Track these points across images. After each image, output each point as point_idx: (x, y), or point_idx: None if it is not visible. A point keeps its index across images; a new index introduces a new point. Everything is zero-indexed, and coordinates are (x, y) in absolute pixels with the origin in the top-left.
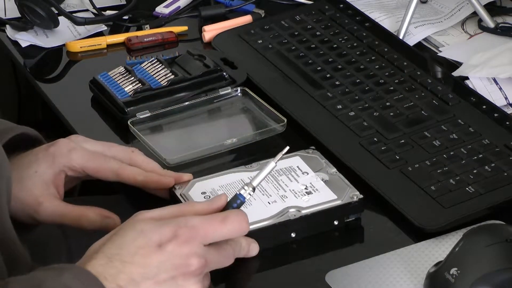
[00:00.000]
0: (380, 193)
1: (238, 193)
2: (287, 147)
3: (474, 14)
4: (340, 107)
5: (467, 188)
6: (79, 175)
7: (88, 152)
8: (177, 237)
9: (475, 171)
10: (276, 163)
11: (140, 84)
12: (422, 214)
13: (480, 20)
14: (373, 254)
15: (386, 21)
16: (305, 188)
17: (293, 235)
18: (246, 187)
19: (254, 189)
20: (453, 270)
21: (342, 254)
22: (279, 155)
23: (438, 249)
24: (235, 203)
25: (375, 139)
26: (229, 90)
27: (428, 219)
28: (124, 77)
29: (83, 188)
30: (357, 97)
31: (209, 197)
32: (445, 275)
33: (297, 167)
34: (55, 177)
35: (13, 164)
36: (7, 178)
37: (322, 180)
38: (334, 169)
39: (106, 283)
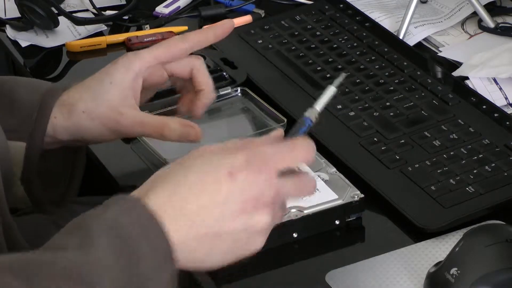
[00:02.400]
0: (380, 193)
1: (304, 116)
2: (346, 74)
3: (474, 14)
4: (340, 107)
5: (467, 188)
6: (155, 78)
7: (155, 47)
8: (249, 165)
9: (475, 171)
10: (336, 88)
11: None
12: (422, 214)
13: (480, 20)
14: (373, 254)
15: (386, 21)
16: None
17: (295, 235)
18: (310, 110)
19: (318, 114)
20: (453, 270)
21: (342, 254)
22: (339, 80)
23: (438, 249)
24: (303, 126)
25: (375, 139)
26: (229, 90)
27: (428, 219)
28: None
29: (82, 189)
30: (357, 97)
31: None
32: (445, 275)
33: (297, 167)
34: (132, 85)
35: (81, 86)
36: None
37: (323, 180)
38: (334, 169)
39: (165, 216)
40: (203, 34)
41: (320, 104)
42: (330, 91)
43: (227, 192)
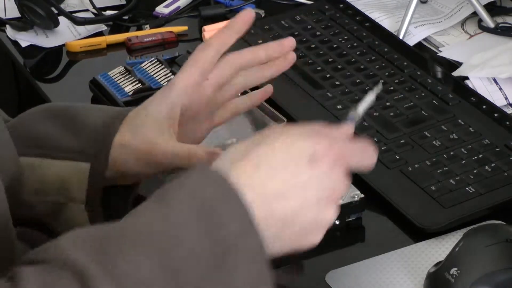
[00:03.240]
0: (380, 193)
1: (349, 116)
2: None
3: (474, 14)
4: (340, 107)
5: (467, 188)
6: (194, 97)
7: (180, 70)
8: (329, 155)
9: (475, 171)
10: (376, 95)
11: (140, 84)
12: (422, 214)
13: (480, 20)
14: (373, 254)
15: (386, 21)
16: None
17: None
18: (354, 113)
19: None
20: (453, 270)
21: (342, 254)
22: (378, 88)
23: (438, 249)
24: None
25: (375, 139)
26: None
27: (428, 219)
28: (124, 77)
29: None
30: (357, 97)
31: None
32: (445, 275)
33: None
34: (168, 114)
35: (124, 120)
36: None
37: None
38: None
39: (246, 191)
40: (225, 33)
41: (361, 108)
42: (370, 97)
43: (306, 179)
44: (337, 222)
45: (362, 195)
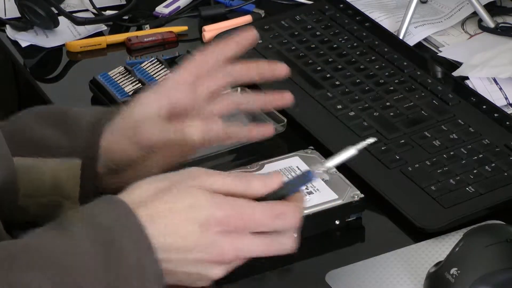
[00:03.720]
0: (380, 193)
1: (310, 170)
2: (374, 139)
3: (474, 14)
4: (340, 107)
5: (467, 188)
6: (184, 98)
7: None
8: (226, 225)
9: (475, 171)
10: (357, 151)
11: (140, 84)
12: (422, 214)
13: (480, 20)
14: (373, 254)
15: (386, 21)
16: (306, 188)
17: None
18: (319, 166)
19: (327, 171)
20: (453, 270)
21: (342, 254)
22: (363, 144)
23: (438, 249)
24: (303, 177)
25: (374, 138)
26: (229, 90)
27: (428, 219)
28: (124, 77)
29: None
30: (357, 97)
31: None
32: (445, 275)
33: (297, 167)
34: (159, 106)
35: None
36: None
37: (323, 179)
38: (334, 169)
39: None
40: (226, 43)
41: (333, 161)
42: (349, 152)
43: (196, 241)
44: (337, 222)
45: (362, 195)
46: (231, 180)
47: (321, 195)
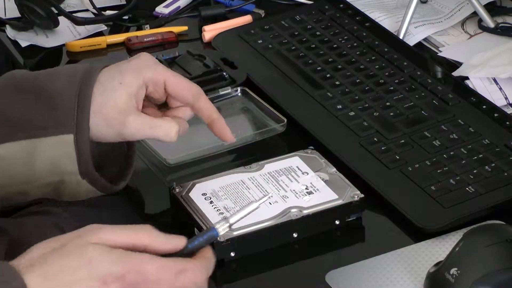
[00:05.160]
0: (380, 193)
1: (213, 227)
2: (270, 196)
3: (474, 14)
4: (340, 107)
5: (467, 188)
6: (156, 93)
7: (170, 70)
8: (124, 280)
9: (475, 171)
10: (259, 205)
11: None
12: (422, 214)
13: (480, 20)
14: (373, 254)
15: (386, 21)
16: (306, 188)
17: (295, 235)
18: (222, 222)
19: (230, 226)
20: (453, 270)
21: (342, 254)
22: (264, 199)
23: (438, 249)
24: (205, 235)
25: (375, 139)
26: (229, 90)
27: (428, 219)
28: None
29: None
30: (357, 97)
31: (210, 198)
32: (445, 275)
33: (297, 167)
34: (139, 90)
35: (98, 79)
36: None
37: (323, 180)
38: (334, 169)
39: None
40: (213, 109)
41: (235, 217)
42: (251, 207)
43: None
44: (337, 222)
45: (362, 195)
46: (131, 233)
47: (321, 195)
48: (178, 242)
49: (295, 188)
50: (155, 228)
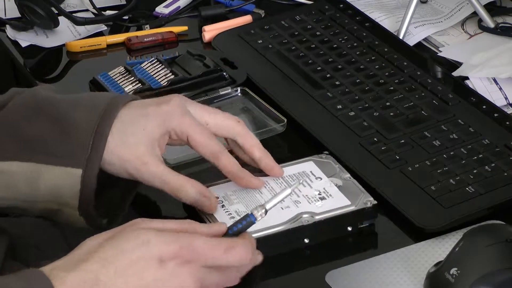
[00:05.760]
0: (380, 193)
1: (250, 212)
2: (302, 181)
3: (474, 14)
4: (340, 107)
5: (467, 188)
6: (178, 142)
7: (198, 122)
8: (179, 257)
9: (475, 171)
10: (292, 191)
11: (140, 84)
12: (422, 214)
13: (480, 20)
14: (373, 254)
15: (386, 21)
16: (319, 194)
17: (306, 240)
18: (259, 208)
19: (266, 212)
20: (453, 270)
21: (342, 254)
22: (297, 184)
23: (438, 249)
24: (244, 220)
25: (375, 139)
26: (229, 90)
27: (428, 219)
28: (124, 77)
29: None
30: (357, 97)
31: (221, 202)
32: (445, 275)
33: (311, 172)
34: (161, 138)
35: (119, 117)
36: None
37: (336, 185)
38: (348, 175)
39: None
40: (233, 165)
41: (271, 203)
42: (285, 192)
43: (154, 278)
44: (350, 229)
45: (375, 202)
46: (176, 222)
47: (334, 201)
48: (219, 228)
49: (307, 193)
50: None
